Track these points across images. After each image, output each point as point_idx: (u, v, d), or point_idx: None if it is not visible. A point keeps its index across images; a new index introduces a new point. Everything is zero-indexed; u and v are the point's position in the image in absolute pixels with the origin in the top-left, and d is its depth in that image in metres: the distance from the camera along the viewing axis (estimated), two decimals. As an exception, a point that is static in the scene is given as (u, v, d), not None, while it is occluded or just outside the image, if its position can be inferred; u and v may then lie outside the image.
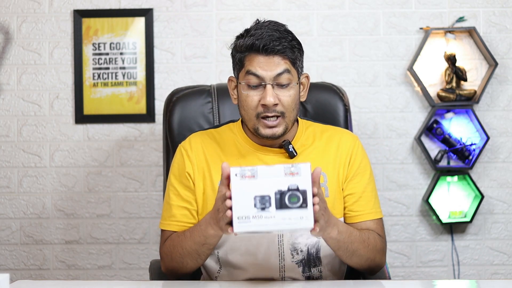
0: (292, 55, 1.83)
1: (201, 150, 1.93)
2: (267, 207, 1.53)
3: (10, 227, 3.01)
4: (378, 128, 3.02)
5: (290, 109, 1.85)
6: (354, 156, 1.94)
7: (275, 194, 1.54)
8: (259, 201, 1.54)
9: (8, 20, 3.00)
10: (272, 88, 1.82)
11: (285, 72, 1.82)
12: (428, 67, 3.01)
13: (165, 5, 3.01)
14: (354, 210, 1.92)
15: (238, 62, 1.88)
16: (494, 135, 3.02)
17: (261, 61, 1.82)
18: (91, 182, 3.00)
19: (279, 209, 1.53)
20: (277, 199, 1.54)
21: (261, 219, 1.53)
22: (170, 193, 1.93)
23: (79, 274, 3.00)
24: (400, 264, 3.03)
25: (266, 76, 1.82)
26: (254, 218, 1.53)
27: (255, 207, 1.54)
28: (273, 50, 1.81)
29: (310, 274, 1.86)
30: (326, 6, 3.01)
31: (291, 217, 1.54)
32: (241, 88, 1.86)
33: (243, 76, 1.85)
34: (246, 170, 1.55)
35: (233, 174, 1.55)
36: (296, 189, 1.54)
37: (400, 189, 3.03)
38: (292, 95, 1.84)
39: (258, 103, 1.83)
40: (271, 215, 1.53)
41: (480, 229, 3.04)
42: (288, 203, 1.54)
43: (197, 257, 1.81)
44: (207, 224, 1.73)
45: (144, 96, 2.99)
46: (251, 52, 1.83)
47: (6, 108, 3.01)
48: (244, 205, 1.54)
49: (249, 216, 1.54)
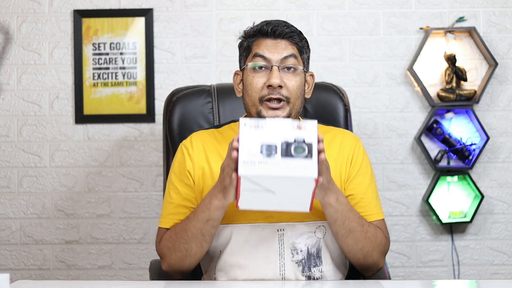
0: (300, 42, 1.89)
1: (202, 149, 1.94)
2: (273, 154, 1.57)
3: (10, 227, 3.01)
4: (378, 128, 3.02)
5: (295, 95, 1.87)
6: (356, 156, 1.95)
7: (281, 144, 1.58)
8: (265, 148, 1.58)
9: (8, 20, 3.00)
10: (278, 70, 1.85)
11: (292, 56, 1.87)
12: (428, 67, 3.01)
13: (165, 5, 3.01)
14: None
15: (245, 49, 1.91)
16: (494, 135, 3.02)
17: (268, 44, 1.87)
18: (91, 182, 3.00)
19: (285, 157, 1.57)
20: (283, 149, 1.58)
21: (266, 164, 1.57)
22: (170, 192, 1.93)
23: (79, 274, 3.00)
24: (400, 264, 3.03)
25: (273, 58, 1.85)
26: (259, 163, 1.57)
27: (261, 153, 1.58)
28: (282, 33, 1.86)
29: (310, 273, 1.86)
30: (326, 6, 3.01)
31: (296, 165, 1.57)
32: (247, 71, 1.88)
33: (250, 60, 1.89)
34: (255, 120, 1.61)
35: (242, 124, 1.60)
36: (302, 141, 1.59)
37: (400, 189, 3.03)
38: (298, 81, 1.87)
39: (263, 86, 1.85)
40: (276, 161, 1.57)
41: (480, 229, 3.04)
42: (293, 152, 1.58)
43: (201, 238, 1.80)
44: (211, 196, 1.75)
45: (144, 96, 2.99)
46: (259, 37, 1.88)
47: (6, 108, 3.01)
48: (251, 151, 1.58)
49: (254, 161, 1.57)
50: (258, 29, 1.88)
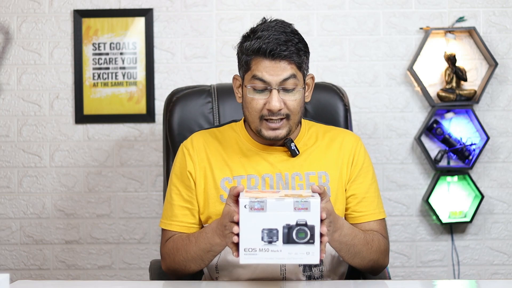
0: (298, 59, 1.83)
1: (203, 149, 1.94)
2: (274, 241, 1.54)
3: (10, 227, 3.01)
4: (378, 128, 3.02)
5: (295, 112, 1.86)
6: (357, 157, 1.95)
7: (283, 228, 1.54)
8: (266, 234, 1.55)
9: (8, 20, 2.99)
10: (277, 93, 1.82)
11: (291, 77, 1.82)
12: (428, 67, 3.01)
13: (165, 5, 3.01)
14: (357, 210, 1.92)
15: (244, 64, 1.87)
16: (494, 135, 3.02)
17: (267, 66, 1.81)
18: (91, 182, 3.00)
19: (286, 243, 1.54)
20: (285, 233, 1.54)
21: (267, 252, 1.55)
22: (171, 193, 1.93)
23: (79, 274, 3.00)
24: (400, 264, 3.03)
25: (272, 81, 1.81)
26: (260, 251, 1.55)
27: (263, 240, 1.55)
28: (280, 55, 1.80)
29: (311, 273, 1.86)
30: (326, 6, 3.01)
31: (298, 252, 1.55)
32: (247, 91, 1.85)
33: (248, 79, 1.84)
34: (255, 202, 1.55)
35: (242, 206, 1.55)
36: (304, 224, 1.55)
37: (400, 189, 3.03)
38: (297, 99, 1.84)
39: (263, 107, 1.83)
40: (278, 249, 1.54)
41: (480, 229, 3.04)
42: (295, 238, 1.55)
43: (200, 262, 1.82)
44: (214, 233, 1.74)
45: (144, 96, 2.99)
46: (258, 56, 1.82)
47: (6, 108, 3.01)
48: (251, 237, 1.55)
49: (255, 248, 1.55)
50: (256, 49, 1.81)
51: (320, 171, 1.90)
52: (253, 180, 1.88)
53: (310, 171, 1.90)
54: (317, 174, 1.90)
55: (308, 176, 1.89)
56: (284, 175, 1.89)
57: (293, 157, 1.90)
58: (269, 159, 1.90)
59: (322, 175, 1.90)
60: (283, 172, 1.89)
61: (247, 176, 1.89)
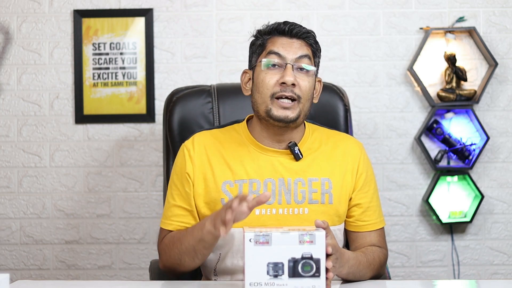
0: (314, 44, 1.89)
1: (203, 150, 1.92)
2: (280, 275, 1.55)
3: (10, 227, 3.01)
4: (378, 128, 3.02)
5: (306, 96, 1.85)
6: (362, 166, 1.94)
7: (288, 261, 1.55)
8: (272, 268, 1.55)
9: (8, 20, 2.99)
10: (292, 69, 1.83)
11: (306, 57, 1.85)
12: (428, 67, 3.01)
13: (165, 5, 3.01)
14: (362, 220, 1.93)
15: (259, 46, 1.89)
16: (494, 135, 3.02)
17: (284, 42, 1.85)
18: (91, 182, 3.00)
19: (292, 277, 1.55)
20: (290, 267, 1.55)
21: (273, 286, 1.55)
22: (172, 193, 1.92)
23: (79, 274, 3.00)
24: (400, 264, 3.03)
25: (288, 57, 1.84)
26: (266, 285, 1.55)
27: (268, 274, 1.55)
28: (298, 33, 1.85)
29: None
30: (326, 6, 3.01)
31: (304, 285, 1.55)
32: (260, 68, 1.86)
33: (264, 56, 1.86)
34: (260, 236, 1.55)
35: (247, 240, 1.56)
36: (310, 258, 1.55)
37: (400, 189, 3.03)
38: (310, 81, 1.86)
39: (276, 83, 1.83)
40: (283, 282, 1.55)
41: (480, 229, 3.04)
42: (301, 271, 1.55)
43: (194, 255, 1.80)
44: (207, 220, 1.74)
45: (144, 96, 2.99)
46: (275, 35, 1.87)
47: (6, 108, 3.01)
48: (257, 271, 1.55)
49: (261, 282, 1.55)
50: (274, 27, 1.87)
51: (323, 177, 1.89)
52: (255, 184, 1.86)
53: (313, 177, 1.89)
54: (320, 181, 1.89)
55: (311, 182, 1.88)
56: (287, 180, 1.87)
57: (297, 161, 1.89)
58: (272, 162, 1.88)
59: (325, 182, 1.89)
60: (286, 177, 1.87)
61: (249, 181, 1.87)
